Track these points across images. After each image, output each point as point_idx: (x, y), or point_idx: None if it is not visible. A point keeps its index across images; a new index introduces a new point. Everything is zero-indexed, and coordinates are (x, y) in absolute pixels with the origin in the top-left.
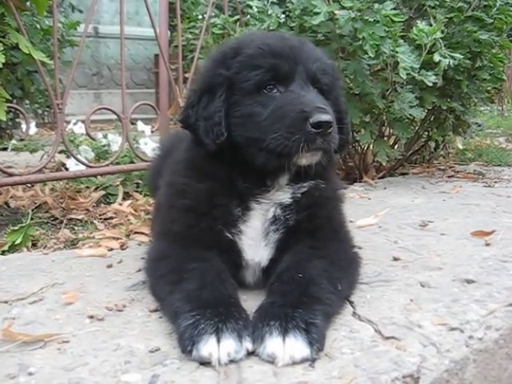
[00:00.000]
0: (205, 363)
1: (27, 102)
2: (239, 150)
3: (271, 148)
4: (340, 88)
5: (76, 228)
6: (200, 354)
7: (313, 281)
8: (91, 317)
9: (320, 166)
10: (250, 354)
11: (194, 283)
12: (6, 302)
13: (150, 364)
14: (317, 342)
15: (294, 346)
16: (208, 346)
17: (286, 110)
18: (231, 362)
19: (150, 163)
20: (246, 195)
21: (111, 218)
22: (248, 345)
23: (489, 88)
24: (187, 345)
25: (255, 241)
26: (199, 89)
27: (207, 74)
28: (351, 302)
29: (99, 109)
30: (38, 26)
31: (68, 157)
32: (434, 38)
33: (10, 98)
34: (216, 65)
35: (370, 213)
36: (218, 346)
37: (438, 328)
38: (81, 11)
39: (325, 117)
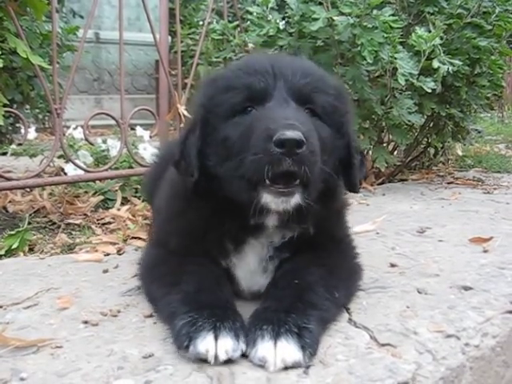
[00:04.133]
0: (199, 369)
1: (28, 106)
2: (219, 185)
3: (240, 173)
4: (348, 115)
5: (73, 233)
6: (197, 350)
7: (309, 287)
8: (85, 322)
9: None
10: (244, 358)
11: (193, 286)
12: (0, 307)
13: (143, 370)
14: (309, 347)
15: (286, 349)
16: (206, 343)
17: (253, 129)
18: (228, 360)
19: (146, 171)
20: (239, 235)
21: (109, 223)
22: (243, 346)
23: (488, 94)
24: (184, 340)
25: (252, 274)
26: (186, 126)
27: (193, 107)
28: (347, 309)
29: (98, 114)
30: (37, 30)
31: (67, 162)
32: (433, 45)
33: (8, 103)
34: (197, 95)
35: (368, 219)
36: (215, 343)
37: (434, 335)
38: (82, 17)
39: (290, 133)
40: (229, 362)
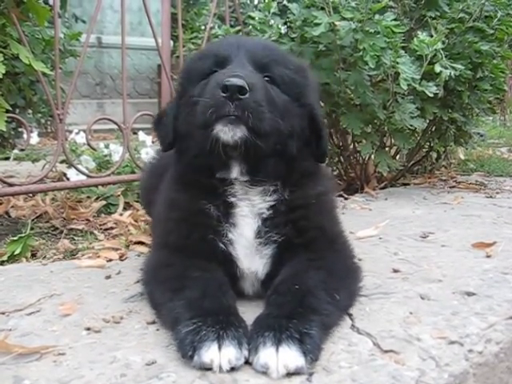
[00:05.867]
0: (202, 376)
1: (30, 111)
2: (186, 142)
3: (196, 119)
4: (309, 88)
5: (76, 238)
6: (202, 360)
7: (309, 292)
8: (88, 329)
9: (275, 161)
10: (247, 366)
11: (196, 292)
12: (3, 313)
13: (146, 377)
14: (310, 353)
15: (288, 355)
16: (210, 353)
17: (209, 83)
18: (232, 369)
19: (140, 180)
20: (219, 195)
21: (111, 228)
22: (246, 353)
23: (490, 98)
24: (188, 350)
25: (249, 249)
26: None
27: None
28: (350, 315)
29: (100, 119)
30: (39, 36)
31: (69, 167)
32: (435, 49)
33: (11, 109)
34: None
35: (371, 224)
36: (219, 353)
37: (438, 341)
38: (84, 21)
39: (233, 79)
40: (232, 369)
